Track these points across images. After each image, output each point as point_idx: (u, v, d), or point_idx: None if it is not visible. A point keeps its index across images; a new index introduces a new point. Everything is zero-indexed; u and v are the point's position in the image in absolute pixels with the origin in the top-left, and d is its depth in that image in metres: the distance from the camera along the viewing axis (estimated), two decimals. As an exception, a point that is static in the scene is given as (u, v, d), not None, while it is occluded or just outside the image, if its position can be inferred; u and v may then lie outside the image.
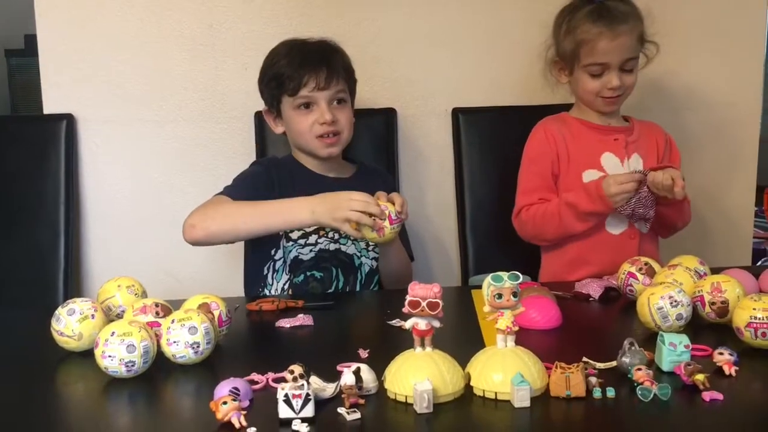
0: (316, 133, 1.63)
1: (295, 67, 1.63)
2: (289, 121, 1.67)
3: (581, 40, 1.68)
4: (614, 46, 1.67)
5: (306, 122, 1.63)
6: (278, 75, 1.65)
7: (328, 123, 1.62)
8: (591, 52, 1.68)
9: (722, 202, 2.19)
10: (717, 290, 1.22)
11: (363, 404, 0.95)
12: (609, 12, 1.68)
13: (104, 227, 1.98)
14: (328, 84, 1.62)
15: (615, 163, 1.74)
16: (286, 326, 1.29)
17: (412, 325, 0.99)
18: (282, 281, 1.63)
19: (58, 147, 1.89)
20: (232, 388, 0.95)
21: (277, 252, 1.62)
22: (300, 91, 1.62)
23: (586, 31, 1.68)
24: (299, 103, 1.63)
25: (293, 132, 1.68)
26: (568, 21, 1.72)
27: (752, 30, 2.15)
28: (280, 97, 1.66)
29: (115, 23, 1.92)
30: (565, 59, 1.74)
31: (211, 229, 1.50)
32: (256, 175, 1.65)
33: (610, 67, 1.68)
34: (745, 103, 2.18)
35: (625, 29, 1.67)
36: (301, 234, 1.61)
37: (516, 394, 0.94)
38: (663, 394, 0.95)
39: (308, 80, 1.61)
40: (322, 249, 1.62)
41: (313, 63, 1.63)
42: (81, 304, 1.18)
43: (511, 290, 0.98)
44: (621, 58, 1.68)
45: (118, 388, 1.05)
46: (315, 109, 1.63)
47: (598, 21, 1.67)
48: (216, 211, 1.52)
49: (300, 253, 1.62)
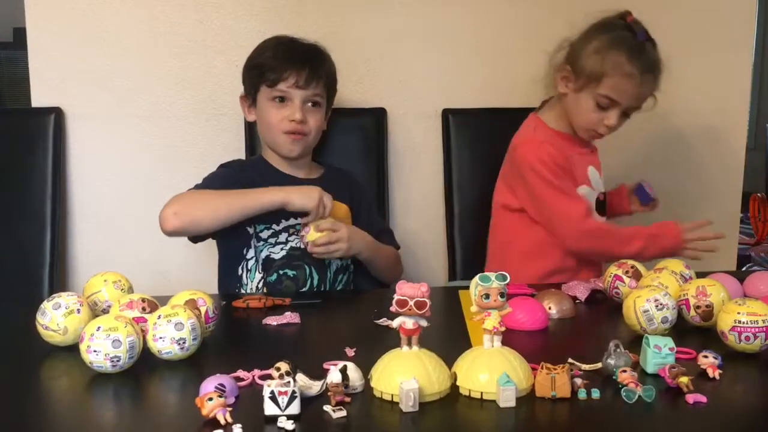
0: (284, 129, 1.64)
1: (280, 61, 1.64)
2: (262, 111, 1.68)
3: (609, 70, 1.63)
4: (637, 93, 1.66)
5: (277, 116, 1.65)
6: (261, 65, 1.66)
7: (297, 122, 1.63)
8: (613, 86, 1.64)
9: (709, 209, 2.21)
10: (702, 294, 1.23)
11: (349, 402, 0.95)
12: (647, 56, 1.64)
13: (91, 222, 1.96)
14: (308, 84, 1.64)
15: (596, 178, 1.74)
16: (273, 324, 1.28)
17: (399, 324, 0.99)
18: (255, 280, 1.63)
19: (46, 141, 1.88)
20: (218, 384, 0.95)
21: (248, 251, 1.63)
22: (279, 84, 1.63)
23: (619, 66, 1.62)
24: (275, 95, 1.65)
25: (262, 123, 1.70)
26: (602, 41, 1.65)
27: (740, 37, 2.18)
28: (259, 86, 1.67)
29: (105, 18, 1.91)
30: (579, 74, 1.67)
31: (195, 215, 1.50)
32: (226, 176, 1.65)
33: (618, 106, 1.67)
34: (733, 110, 2.20)
35: (650, 80, 1.66)
36: (271, 233, 1.62)
37: (502, 394, 0.94)
38: (647, 396, 0.96)
39: (289, 76, 1.63)
40: (293, 247, 1.63)
41: (298, 61, 1.64)
42: (67, 298, 1.17)
43: (499, 290, 0.99)
44: (632, 104, 1.68)
45: (103, 383, 1.04)
46: (288, 105, 1.64)
47: (633, 61, 1.62)
48: (197, 199, 1.53)
49: (271, 252, 1.62)
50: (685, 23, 2.12)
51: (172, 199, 1.52)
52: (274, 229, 1.62)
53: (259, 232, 1.62)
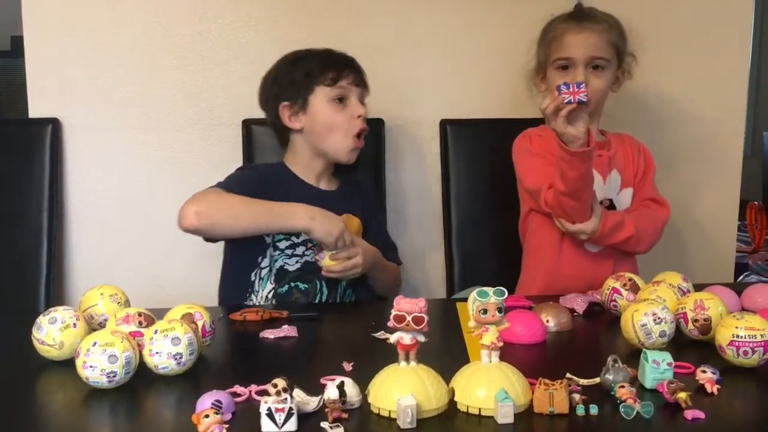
0: (354, 131, 1.63)
1: (335, 61, 1.65)
2: (319, 113, 1.64)
3: (551, 37, 1.72)
4: (579, 39, 1.68)
5: (341, 116, 1.63)
6: (312, 67, 1.64)
7: (363, 118, 1.64)
8: (558, 46, 1.70)
9: (705, 218, 2.21)
10: (700, 308, 1.22)
11: (346, 418, 0.94)
12: (581, 13, 1.73)
13: (88, 233, 1.96)
14: (361, 82, 1.66)
15: (597, 181, 1.72)
16: (270, 337, 1.28)
17: (396, 339, 0.98)
18: (266, 290, 1.62)
19: (43, 152, 1.88)
20: (214, 400, 0.94)
21: (263, 260, 1.62)
22: (340, 81, 1.63)
23: (555, 28, 1.72)
24: (335, 95, 1.63)
25: (320, 125, 1.64)
26: (545, 29, 1.76)
27: (737, 45, 2.18)
28: (314, 88, 1.63)
29: (103, 28, 1.91)
30: (540, 64, 1.76)
31: (216, 219, 1.49)
32: (249, 177, 1.64)
33: (576, 64, 1.68)
34: (730, 119, 2.20)
35: (592, 26, 1.69)
36: (289, 244, 1.61)
37: (500, 410, 0.94)
38: (646, 412, 0.95)
39: (348, 74, 1.64)
40: (308, 261, 1.62)
41: (349, 61, 1.67)
42: (63, 312, 1.17)
43: (497, 306, 0.98)
44: (586, 54, 1.68)
45: (99, 398, 1.03)
46: (349, 106, 1.64)
47: (568, 20, 1.72)
48: (222, 202, 1.51)
49: (286, 263, 1.61)
50: (681, 32, 2.13)
51: (196, 197, 1.50)
52: (293, 241, 1.61)
53: (277, 241, 1.61)
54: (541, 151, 1.71)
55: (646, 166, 1.81)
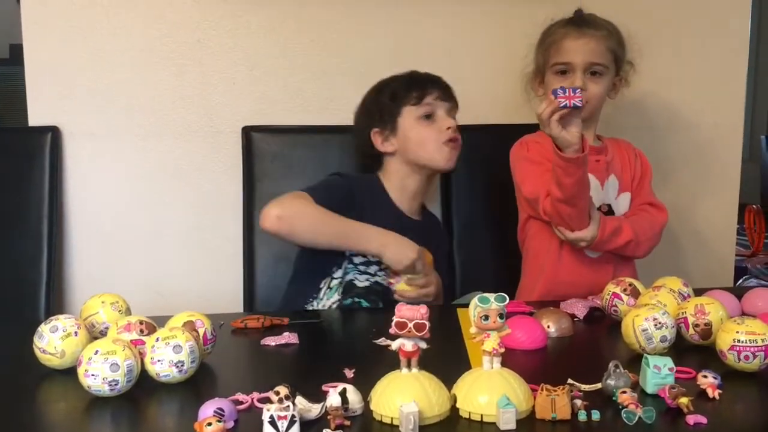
0: (444, 139, 1.65)
1: (415, 81, 1.68)
2: (410, 132, 1.67)
3: (550, 42, 1.73)
4: (578, 45, 1.69)
5: (430, 131, 1.66)
6: (396, 90, 1.68)
7: (453, 129, 1.65)
8: (557, 51, 1.71)
9: (704, 222, 2.22)
10: (701, 312, 1.23)
11: (349, 426, 0.94)
12: (581, 19, 1.74)
13: (88, 241, 1.96)
14: (448, 97, 1.68)
15: (595, 186, 1.72)
16: (272, 344, 1.28)
17: (398, 346, 0.99)
18: (332, 300, 1.63)
19: (43, 160, 1.87)
20: (216, 408, 0.94)
21: (337, 271, 1.63)
22: (425, 98, 1.66)
23: (555, 33, 1.73)
24: (422, 113, 1.66)
25: (414, 143, 1.67)
26: (544, 33, 1.77)
27: (735, 49, 2.19)
28: (400, 110, 1.67)
29: (103, 36, 1.91)
30: (538, 68, 1.77)
31: (295, 228, 1.53)
32: (337, 188, 1.65)
33: (575, 69, 1.69)
34: (728, 123, 2.20)
35: (591, 33, 1.70)
36: (363, 261, 1.62)
37: (502, 416, 0.94)
38: (647, 417, 0.95)
39: (432, 90, 1.67)
40: (378, 282, 1.63)
41: (431, 78, 1.70)
42: (64, 321, 1.17)
43: (498, 312, 0.98)
44: (585, 60, 1.69)
45: (100, 407, 1.03)
46: (437, 120, 1.66)
47: (567, 25, 1.73)
48: (305, 212, 1.54)
49: (356, 278, 1.63)
50: (679, 36, 2.14)
51: (282, 200, 1.53)
52: (368, 259, 1.62)
53: (352, 255, 1.62)
54: (538, 158, 1.71)
55: (643, 170, 1.82)
